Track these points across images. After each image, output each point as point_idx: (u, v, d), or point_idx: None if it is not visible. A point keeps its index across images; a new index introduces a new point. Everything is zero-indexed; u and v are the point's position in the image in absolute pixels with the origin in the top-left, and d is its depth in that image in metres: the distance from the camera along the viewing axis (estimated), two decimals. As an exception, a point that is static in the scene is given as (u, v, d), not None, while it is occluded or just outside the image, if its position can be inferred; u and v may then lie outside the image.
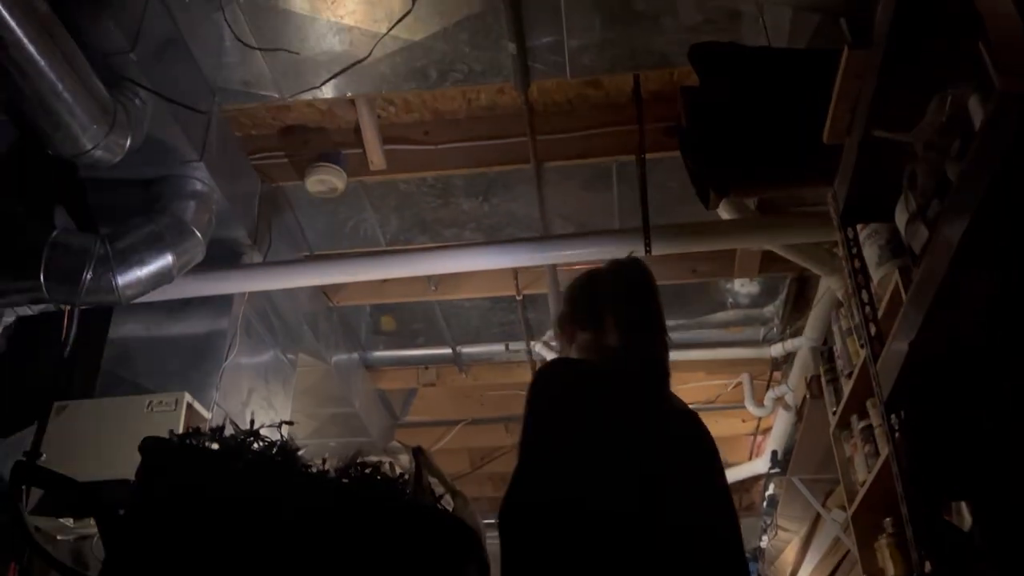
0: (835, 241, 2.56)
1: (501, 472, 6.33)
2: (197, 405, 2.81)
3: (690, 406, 1.83)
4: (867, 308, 2.12)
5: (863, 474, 2.87)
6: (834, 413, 3.22)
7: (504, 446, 5.78)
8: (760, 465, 5.42)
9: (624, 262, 1.90)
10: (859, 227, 2.14)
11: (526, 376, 4.89)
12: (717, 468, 1.73)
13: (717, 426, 5.49)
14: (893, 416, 1.90)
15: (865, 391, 2.76)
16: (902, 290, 2.09)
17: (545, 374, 1.69)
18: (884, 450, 2.57)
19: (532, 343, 4.64)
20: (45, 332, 3.00)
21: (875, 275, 2.11)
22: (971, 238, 1.33)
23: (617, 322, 1.75)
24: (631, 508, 1.45)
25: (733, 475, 5.61)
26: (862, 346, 2.53)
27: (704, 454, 1.71)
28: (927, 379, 1.63)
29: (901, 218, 1.73)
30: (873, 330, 2.09)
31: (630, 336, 1.74)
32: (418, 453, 1.61)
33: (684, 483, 1.57)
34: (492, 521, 1.50)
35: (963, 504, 1.52)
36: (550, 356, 4.61)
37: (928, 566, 1.70)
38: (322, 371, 4.37)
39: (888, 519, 2.67)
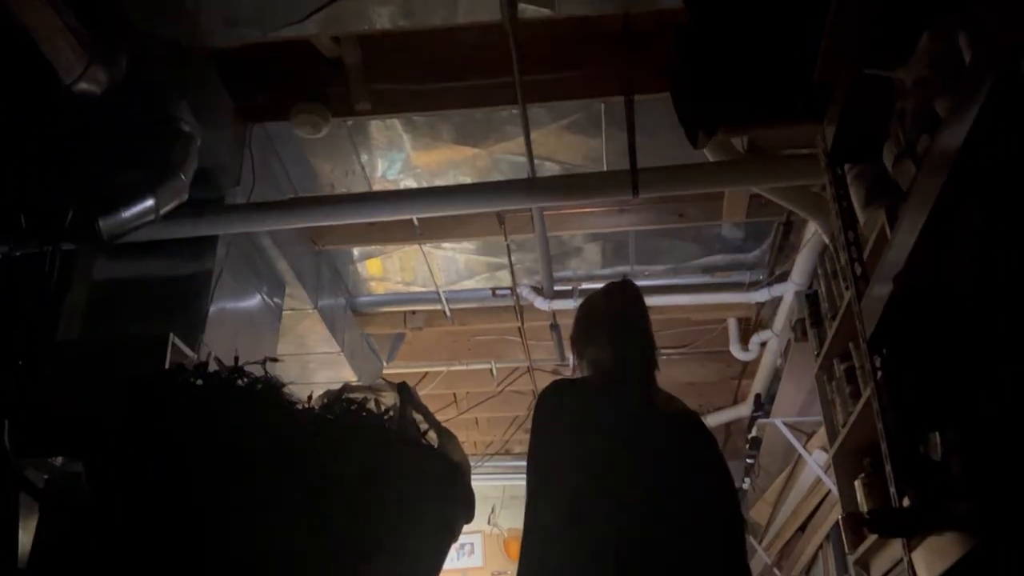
0: (823, 184, 2.56)
1: (487, 416, 6.39)
2: (182, 346, 2.79)
3: (681, 385, 2.03)
4: (853, 248, 2.13)
5: (844, 415, 2.92)
6: (817, 356, 3.25)
7: (489, 391, 5.82)
8: (744, 409, 5.49)
9: (615, 284, 2.14)
10: (847, 168, 2.14)
11: (512, 321, 4.90)
12: (713, 464, 1.87)
13: (702, 370, 5.56)
14: (875, 356, 1.92)
15: (848, 333, 2.79)
16: (888, 232, 2.09)
17: (541, 401, 1.92)
18: (866, 391, 2.60)
19: (518, 288, 4.64)
20: (30, 273, 2.96)
21: (861, 216, 2.11)
22: (958, 173, 1.33)
23: (610, 338, 1.99)
24: (629, 522, 1.66)
25: (717, 419, 5.69)
26: (847, 287, 2.55)
27: (697, 452, 1.87)
28: (910, 317, 1.64)
29: (889, 156, 1.73)
30: (859, 270, 2.10)
31: (620, 350, 1.98)
32: (403, 389, 1.62)
33: (675, 486, 1.74)
34: (476, 464, 1.52)
35: (937, 436, 1.54)
36: (536, 300, 4.62)
37: (907, 500, 1.74)
38: (308, 315, 4.37)
39: (867, 459, 2.72)
